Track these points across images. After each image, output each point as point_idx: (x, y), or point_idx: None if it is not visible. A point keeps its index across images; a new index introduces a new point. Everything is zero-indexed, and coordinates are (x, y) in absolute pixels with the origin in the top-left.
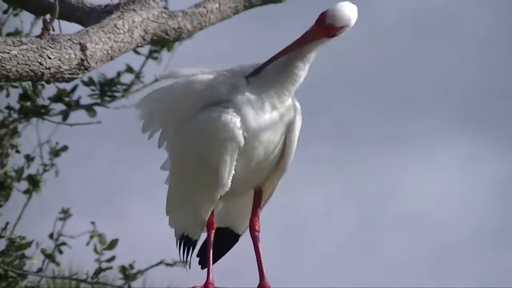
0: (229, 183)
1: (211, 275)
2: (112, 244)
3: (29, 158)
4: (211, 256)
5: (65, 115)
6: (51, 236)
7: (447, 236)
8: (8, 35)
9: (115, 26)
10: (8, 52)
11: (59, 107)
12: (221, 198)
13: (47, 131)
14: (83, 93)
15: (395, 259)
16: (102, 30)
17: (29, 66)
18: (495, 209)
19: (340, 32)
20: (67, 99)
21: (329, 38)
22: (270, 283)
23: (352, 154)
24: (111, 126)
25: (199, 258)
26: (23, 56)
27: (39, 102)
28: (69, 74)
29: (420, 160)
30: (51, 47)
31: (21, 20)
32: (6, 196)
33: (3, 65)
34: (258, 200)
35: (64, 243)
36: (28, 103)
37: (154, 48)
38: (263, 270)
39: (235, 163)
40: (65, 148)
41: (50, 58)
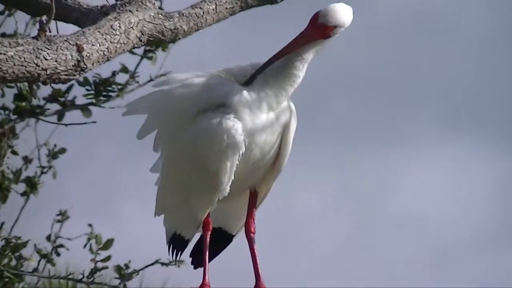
0: (228, 188)
1: (207, 276)
2: (108, 244)
3: (27, 160)
4: (207, 257)
5: (60, 115)
6: (48, 238)
7: (445, 236)
8: (3, 36)
9: (112, 27)
10: (4, 53)
11: (54, 107)
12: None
13: (45, 132)
14: (78, 93)
15: (393, 259)
16: (99, 31)
17: (25, 67)
18: (494, 209)
19: (334, 32)
20: (62, 99)
21: (323, 39)
22: (266, 284)
23: (350, 154)
24: (107, 126)
25: (192, 258)
26: (20, 57)
27: (34, 102)
28: (65, 75)
29: (418, 160)
30: (48, 48)
31: (15, 20)
32: (4, 198)
33: (0, 66)
34: (253, 202)
35: (61, 245)
36: (24, 103)
37: (149, 48)
38: (259, 271)
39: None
40: (63, 151)
41: (46, 59)
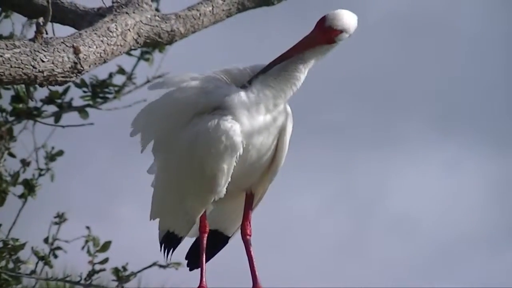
0: (224, 190)
1: (204, 278)
2: (105, 246)
3: (25, 163)
4: (204, 259)
5: (57, 117)
6: (46, 240)
7: (439, 238)
8: (0, 38)
9: (108, 29)
10: (1, 56)
11: (51, 109)
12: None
13: (43, 135)
14: (75, 94)
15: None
16: (95, 33)
17: (22, 69)
18: (487, 210)
19: (339, 38)
20: (59, 101)
21: (328, 44)
22: (262, 286)
23: (344, 157)
24: (104, 127)
25: (188, 260)
26: (16, 60)
27: (31, 104)
28: (62, 77)
29: (412, 162)
30: (44, 50)
31: (12, 22)
32: (1, 201)
33: None
34: (250, 204)
35: (59, 248)
36: (21, 105)
37: (146, 49)
38: (256, 273)
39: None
40: (60, 153)
41: (43, 61)
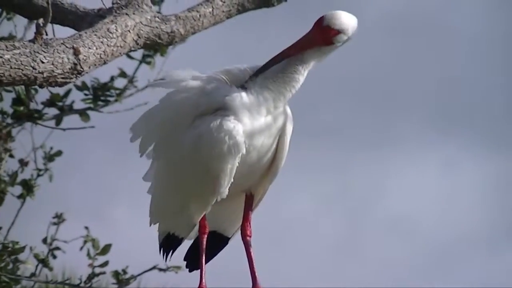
0: (226, 191)
1: (204, 279)
2: (105, 249)
3: (23, 163)
4: (203, 260)
5: (58, 119)
6: (44, 241)
7: (436, 238)
8: (0, 39)
9: (108, 30)
10: (1, 57)
11: (52, 111)
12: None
13: (41, 135)
14: (77, 97)
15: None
16: (95, 34)
17: (22, 70)
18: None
19: (336, 39)
20: (60, 103)
21: (326, 45)
22: (262, 286)
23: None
24: (105, 130)
25: (187, 261)
26: (16, 61)
27: (32, 106)
28: (62, 78)
29: (410, 162)
30: (44, 51)
31: (14, 24)
32: (0, 201)
33: None
34: (249, 205)
35: (57, 248)
36: (22, 108)
37: (147, 52)
38: (256, 274)
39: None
40: (59, 153)
41: (43, 62)
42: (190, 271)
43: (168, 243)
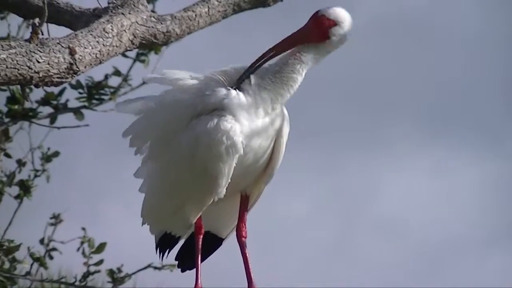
0: (224, 191)
1: (199, 279)
2: (100, 247)
3: (20, 163)
4: (199, 260)
5: (53, 118)
6: (41, 241)
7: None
8: None
9: (104, 30)
10: None
11: (47, 110)
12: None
13: (39, 136)
14: (71, 96)
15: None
16: (91, 34)
17: (18, 70)
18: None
19: (332, 31)
20: (55, 102)
21: (322, 40)
22: (257, 286)
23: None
24: (99, 129)
25: (178, 261)
26: (12, 60)
27: (27, 105)
28: (58, 78)
29: (401, 164)
30: (40, 51)
31: (8, 23)
32: None
33: None
34: (245, 206)
35: (54, 249)
36: (16, 107)
37: (141, 51)
38: (251, 275)
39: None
40: (56, 154)
41: (39, 62)
42: (183, 271)
43: (165, 243)
